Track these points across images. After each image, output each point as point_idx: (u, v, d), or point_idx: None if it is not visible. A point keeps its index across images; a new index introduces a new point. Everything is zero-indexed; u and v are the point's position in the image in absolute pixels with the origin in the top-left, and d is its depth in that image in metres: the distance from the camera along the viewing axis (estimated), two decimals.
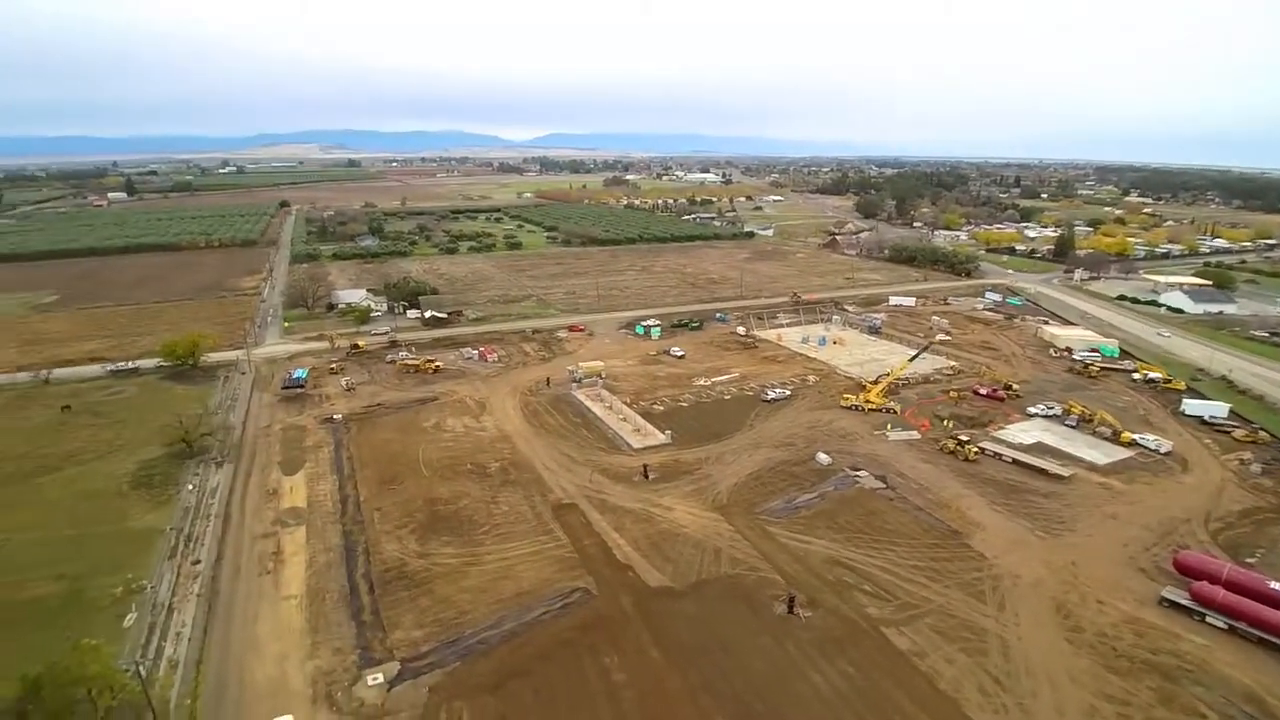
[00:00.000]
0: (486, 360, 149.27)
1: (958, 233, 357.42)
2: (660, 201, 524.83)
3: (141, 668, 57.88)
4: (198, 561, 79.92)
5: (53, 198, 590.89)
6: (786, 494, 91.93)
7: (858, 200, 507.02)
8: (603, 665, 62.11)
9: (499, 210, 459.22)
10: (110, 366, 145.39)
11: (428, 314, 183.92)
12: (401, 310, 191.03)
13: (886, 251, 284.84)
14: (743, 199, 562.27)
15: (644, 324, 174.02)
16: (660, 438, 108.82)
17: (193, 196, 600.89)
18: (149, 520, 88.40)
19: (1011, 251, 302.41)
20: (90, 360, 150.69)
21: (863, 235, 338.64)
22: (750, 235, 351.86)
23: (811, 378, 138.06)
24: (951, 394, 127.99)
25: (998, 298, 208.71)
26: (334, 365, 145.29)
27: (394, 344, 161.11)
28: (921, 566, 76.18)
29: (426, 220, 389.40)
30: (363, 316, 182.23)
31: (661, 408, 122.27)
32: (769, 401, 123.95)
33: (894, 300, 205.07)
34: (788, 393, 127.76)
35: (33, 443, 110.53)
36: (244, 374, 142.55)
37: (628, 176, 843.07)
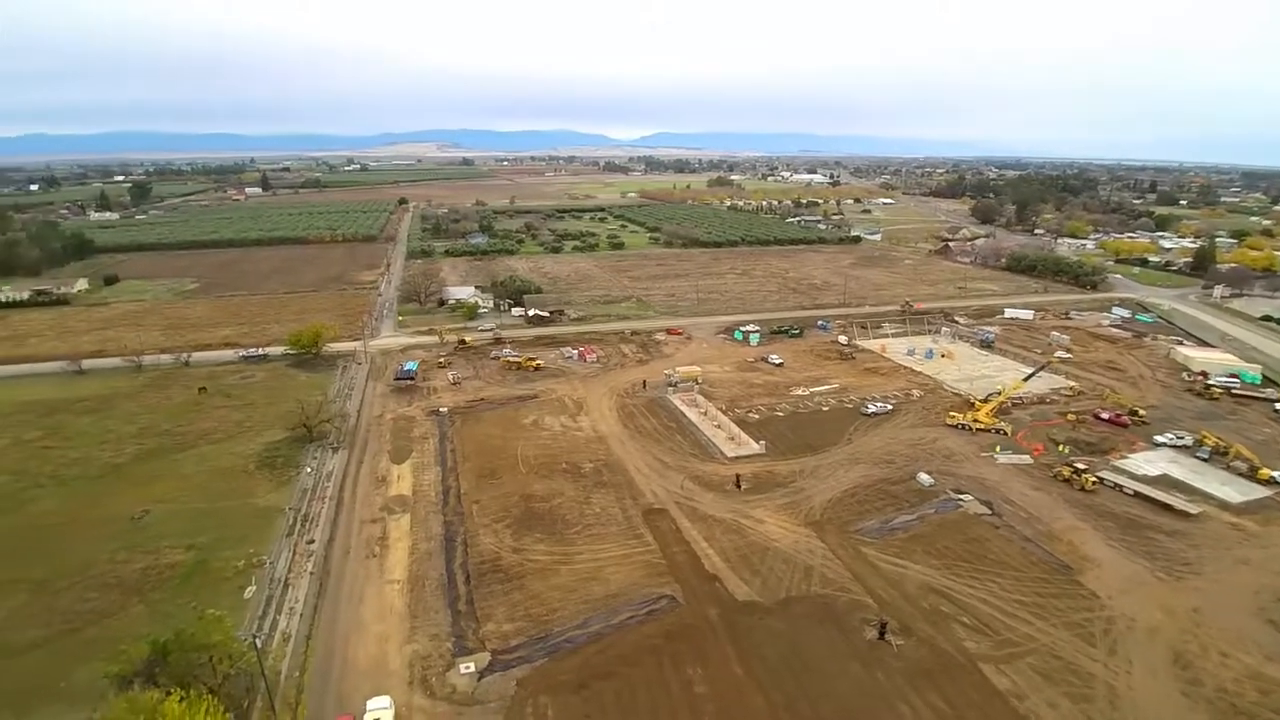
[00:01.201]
0: (586, 360, 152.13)
1: (1084, 241, 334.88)
2: (764, 203, 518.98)
3: (258, 640, 62.40)
4: (312, 541, 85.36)
5: (197, 191, 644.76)
6: (883, 514, 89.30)
7: (974, 204, 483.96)
8: (685, 676, 62.33)
9: (603, 210, 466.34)
10: (242, 352, 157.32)
11: (531, 312, 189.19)
12: (506, 308, 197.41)
13: (1004, 260, 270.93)
14: (850, 201, 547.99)
15: (743, 329, 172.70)
16: (754, 447, 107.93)
17: (321, 193, 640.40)
18: (271, 499, 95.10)
19: (1144, 263, 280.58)
20: (225, 345, 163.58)
21: (978, 242, 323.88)
22: (857, 240, 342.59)
23: (916, 392, 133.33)
24: (1069, 417, 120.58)
25: (1126, 314, 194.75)
26: (442, 359, 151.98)
27: (498, 341, 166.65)
28: (1026, 601, 72.34)
29: (533, 219, 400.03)
30: (470, 313, 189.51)
31: (757, 416, 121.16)
32: (869, 415, 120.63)
33: (1010, 313, 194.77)
34: (889, 407, 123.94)
35: (173, 420, 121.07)
36: (360, 364, 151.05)
37: (732, 177, 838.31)
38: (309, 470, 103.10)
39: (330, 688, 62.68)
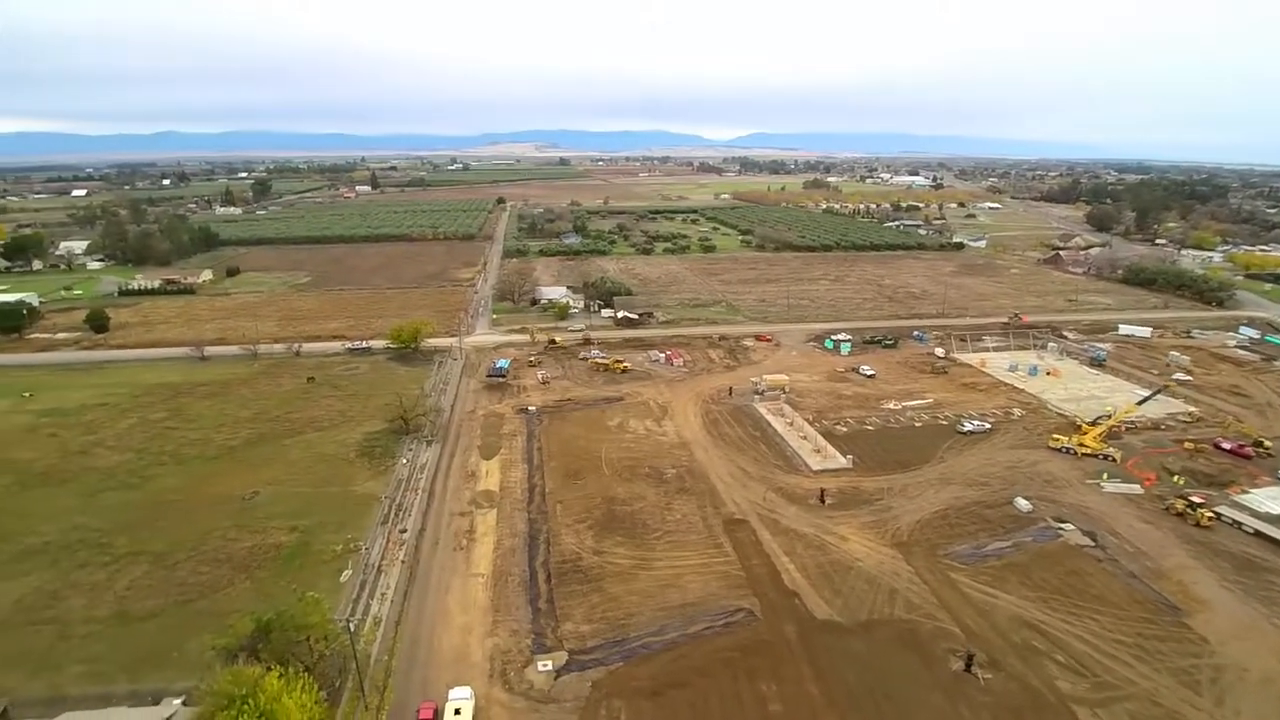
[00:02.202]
0: (673, 364, 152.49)
1: (1211, 253, 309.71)
2: (861, 206, 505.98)
3: (352, 623, 65.72)
4: (404, 530, 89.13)
5: (312, 189, 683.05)
6: (976, 539, 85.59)
7: (1089, 210, 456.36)
8: (760, 692, 61.66)
9: (695, 211, 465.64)
10: (348, 345, 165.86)
11: (620, 314, 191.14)
12: (597, 309, 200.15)
13: (1120, 271, 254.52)
14: (953, 205, 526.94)
15: (834, 338, 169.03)
16: (841, 461, 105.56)
17: (424, 191, 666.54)
18: (369, 487, 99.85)
19: (1277, 279, 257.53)
20: (332, 337, 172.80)
21: (1092, 251, 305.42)
22: (959, 246, 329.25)
23: (1017, 411, 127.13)
24: (1187, 445, 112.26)
25: (1255, 334, 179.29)
26: (533, 358, 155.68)
27: (587, 341, 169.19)
28: (1127, 642, 67.89)
29: (626, 219, 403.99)
30: (562, 313, 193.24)
31: (845, 429, 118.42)
32: (965, 433, 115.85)
33: (1124, 329, 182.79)
34: (987, 426, 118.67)
35: (283, 407, 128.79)
36: (455, 360, 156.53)
37: (828, 178, 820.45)
38: (404, 461, 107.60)
39: (415, 674, 65.29)
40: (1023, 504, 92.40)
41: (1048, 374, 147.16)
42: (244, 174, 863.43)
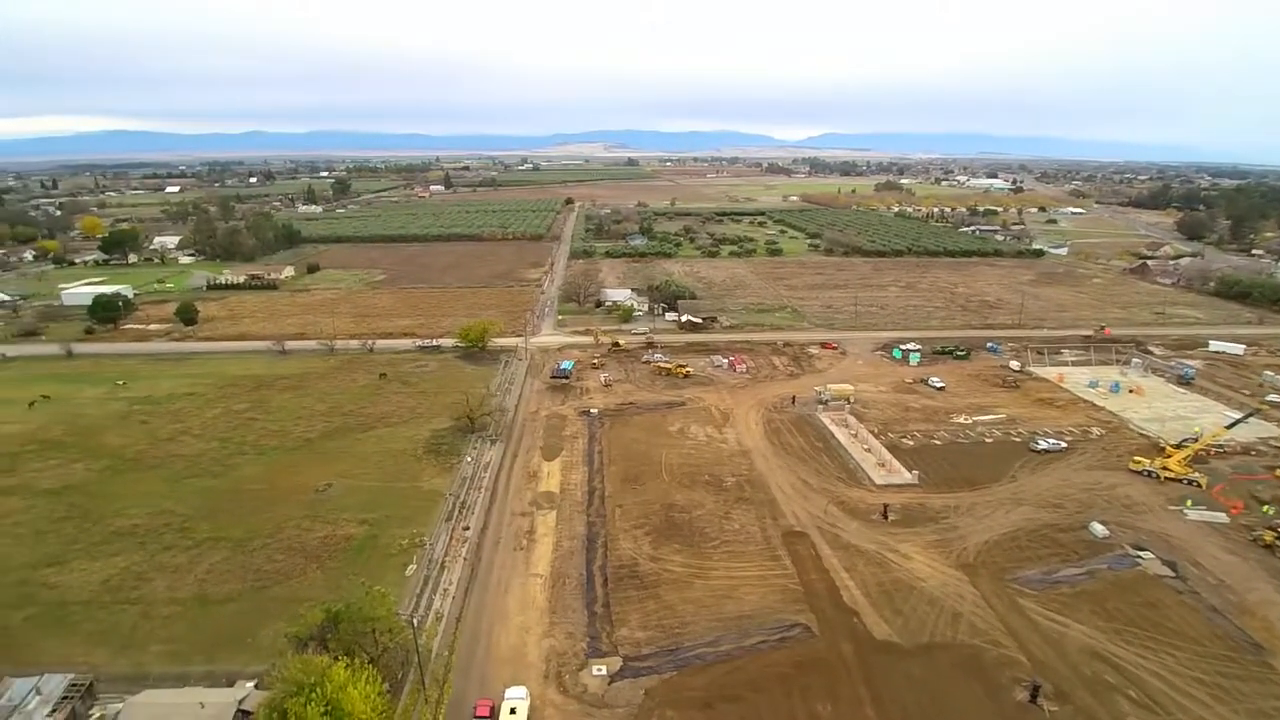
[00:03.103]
0: (735, 370, 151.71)
1: None
2: (935, 209, 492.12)
3: (415, 619, 67.86)
4: (467, 528, 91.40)
5: (388, 188, 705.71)
6: (1047, 564, 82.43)
7: (1180, 217, 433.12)
8: (814, 711, 60.90)
9: (763, 213, 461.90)
10: (419, 342, 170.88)
11: (684, 318, 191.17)
12: (660, 312, 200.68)
13: (1212, 283, 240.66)
14: (1033, 210, 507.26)
15: (902, 347, 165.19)
16: (906, 476, 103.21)
17: (495, 191, 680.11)
18: (435, 484, 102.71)
19: None
20: (404, 335, 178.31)
21: (1183, 261, 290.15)
22: (1039, 253, 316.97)
23: (1095, 430, 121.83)
24: (1279, 473, 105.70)
25: None
26: (596, 360, 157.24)
27: (650, 345, 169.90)
28: (1206, 681, 64.36)
29: (692, 221, 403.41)
30: (626, 315, 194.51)
31: (911, 443, 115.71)
32: (1039, 452, 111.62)
33: (1215, 345, 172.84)
34: (1063, 444, 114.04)
35: (356, 402, 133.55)
36: (521, 360, 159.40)
37: (901, 180, 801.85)
38: (469, 459, 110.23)
39: (474, 671, 66.91)
40: (1099, 529, 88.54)
41: (1130, 391, 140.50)
42: (325, 173, 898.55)
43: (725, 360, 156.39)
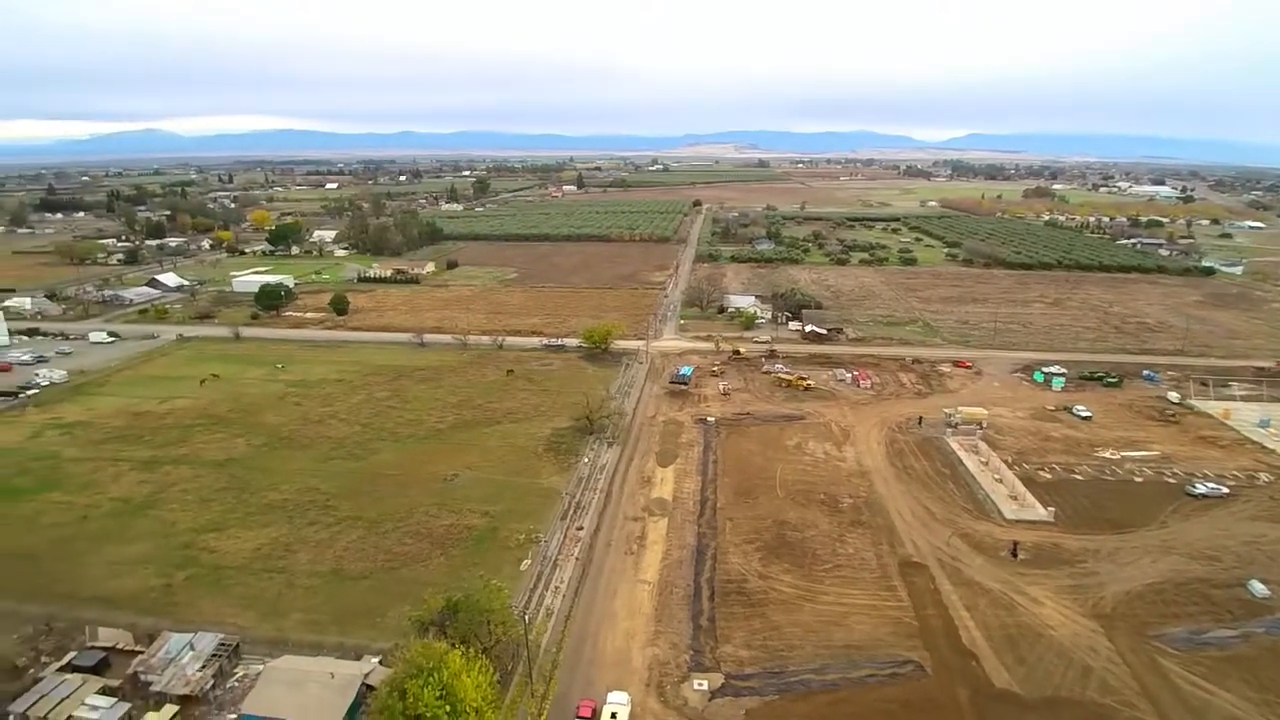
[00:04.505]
0: (859, 385, 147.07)
1: None
2: (1091, 219, 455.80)
3: (527, 615, 70.49)
4: (581, 528, 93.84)
5: (524, 187, 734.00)
6: (1196, 621, 74.86)
7: None
8: None
9: (897, 220, 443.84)
10: (545, 341, 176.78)
11: (808, 328, 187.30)
12: (784, 320, 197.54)
13: None
14: (1205, 222, 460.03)
15: (1045, 370, 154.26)
16: (1040, 512, 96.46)
17: (625, 191, 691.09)
18: (553, 481, 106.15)
19: None
20: (532, 333, 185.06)
21: None
22: (1209, 271, 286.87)
23: (1264, 476, 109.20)
24: None
25: None
26: (715, 368, 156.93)
27: (772, 354, 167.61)
28: None
29: (822, 227, 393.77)
30: (748, 322, 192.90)
31: (1049, 476, 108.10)
32: (1196, 496, 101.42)
33: None
34: (1225, 490, 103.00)
35: (485, 397, 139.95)
36: (641, 364, 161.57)
37: (1054, 186, 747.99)
38: (586, 460, 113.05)
39: (579, 670, 68.77)
40: (1259, 588, 79.41)
41: None
42: (467, 172, 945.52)
43: (849, 374, 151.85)
